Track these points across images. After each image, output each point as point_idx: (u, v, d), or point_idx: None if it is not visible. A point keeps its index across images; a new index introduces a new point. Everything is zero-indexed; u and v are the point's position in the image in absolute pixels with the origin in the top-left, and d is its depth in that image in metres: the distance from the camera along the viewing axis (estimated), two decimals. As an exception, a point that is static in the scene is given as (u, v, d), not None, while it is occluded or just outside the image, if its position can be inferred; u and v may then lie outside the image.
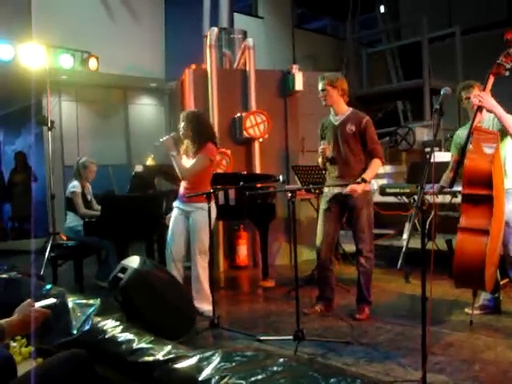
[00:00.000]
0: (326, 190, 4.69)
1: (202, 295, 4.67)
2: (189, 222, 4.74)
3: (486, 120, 4.21)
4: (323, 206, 4.69)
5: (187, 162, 4.72)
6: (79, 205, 5.98)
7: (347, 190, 4.44)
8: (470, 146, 3.74)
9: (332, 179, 4.64)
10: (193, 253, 4.71)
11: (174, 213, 4.82)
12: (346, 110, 4.62)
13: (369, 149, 4.52)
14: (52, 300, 2.44)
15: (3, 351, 2.39)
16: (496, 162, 3.77)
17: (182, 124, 4.73)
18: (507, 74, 3.78)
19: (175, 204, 4.84)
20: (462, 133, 4.26)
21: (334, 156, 4.60)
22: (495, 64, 3.79)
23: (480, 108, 3.86)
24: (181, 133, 4.75)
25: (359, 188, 4.39)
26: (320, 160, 4.72)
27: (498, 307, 4.42)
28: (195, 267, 4.70)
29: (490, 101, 3.83)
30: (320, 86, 4.61)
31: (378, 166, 4.56)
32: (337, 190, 4.56)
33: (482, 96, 3.82)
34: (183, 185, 4.78)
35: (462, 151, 3.71)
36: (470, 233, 3.73)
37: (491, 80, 3.86)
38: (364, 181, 4.25)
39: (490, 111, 3.91)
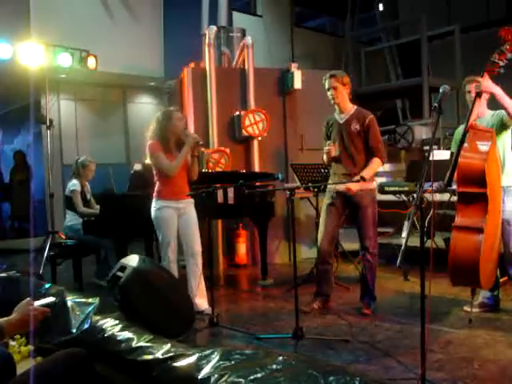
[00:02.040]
0: (330, 186, 4.70)
1: (204, 293, 4.67)
2: (183, 219, 4.72)
3: (483, 118, 4.22)
4: (327, 200, 4.71)
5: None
6: (78, 203, 5.98)
7: (342, 187, 4.46)
8: (465, 144, 3.75)
9: (338, 177, 4.65)
10: (195, 251, 4.68)
11: (168, 212, 4.66)
12: (351, 108, 4.63)
13: (370, 147, 4.53)
14: (51, 299, 2.44)
15: (2, 350, 2.39)
16: (491, 160, 3.78)
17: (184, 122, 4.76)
18: (502, 71, 3.79)
19: (163, 204, 4.66)
20: (461, 129, 4.27)
21: (340, 154, 4.60)
22: (489, 62, 3.80)
23: (479, 94, 3.87)
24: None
25: (355, 187, 4.40)
26: (325, 158, 4.72)
27: (497, 305, 4.42)
28: (199, 264, 4.70)
29: (487, 84, 3.84)
30: (328, 84, 4.59)
31: (377, 165, 4.57)
32: (342, 187, 4.57)
33: (479, 81, 3.84)
34: (171, 182, 4.67)
35: (458, 149, 3.72)
36: (464, 231, 3.75)
37: (487, 78, 3.87)
38: (363, 179, 4.26)
39: (490, 93, 3.95)
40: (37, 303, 2.29)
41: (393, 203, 6.41)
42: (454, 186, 3.98)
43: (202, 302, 4.69)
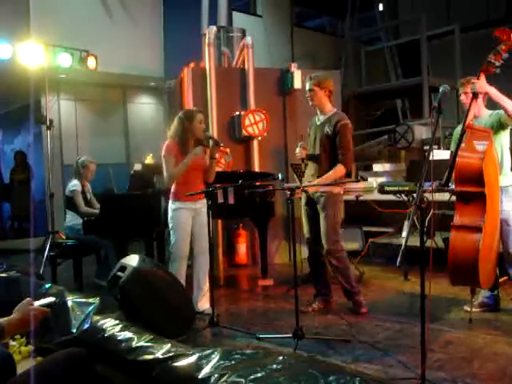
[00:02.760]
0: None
1: (207, 293, 4.68)
2: (198, 220, 4.74)
3: (481, 118, 4.22)
4: (303, 199, 4.80)
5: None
6: (80, 203, 5.98)
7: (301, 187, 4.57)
8: (462, 144, 3.75)
9: (307, 177, 4.72)
10: (206, 248, 4.65)
11: (184, 214, 4.69)
12: (330, 111, 4.64)
13: (337, 152, 4.53)
14: (51, 299, 2.44)
15: (2, 350, 2.39)
16: (488, 159, 3.79)
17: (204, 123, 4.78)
18: (498, 71, 3.79)
19: (180, 205, 4.70)
20: (460, 129, 4.28)
21: (313, 155, 4.65)
22: (485, 62, 3.81)
23: (475, 95, 3.88)
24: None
25: (310, 188, 4.52)
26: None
27: (497, 305, 4.43)
28: (206, 265, 4.72)
29: (481, 84, 3.85)
30: (307, 86, 4.65)
31: (338, 172, 4.53)
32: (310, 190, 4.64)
33: (476, 82, 3.84)
34: (187, 183, 4.69)
35: (456, 149, 3.72)
36: (462, 230, 3.76)
37: (482, 78, 3.87)
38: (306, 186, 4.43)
39: (485, 93, 3.96)
40: (37, 303, 2.30)
41: (393, 203, 6.40)
42: (453, 186, 3.99)
43: (204, 302, 4.70)
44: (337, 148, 4.52)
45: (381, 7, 13.28)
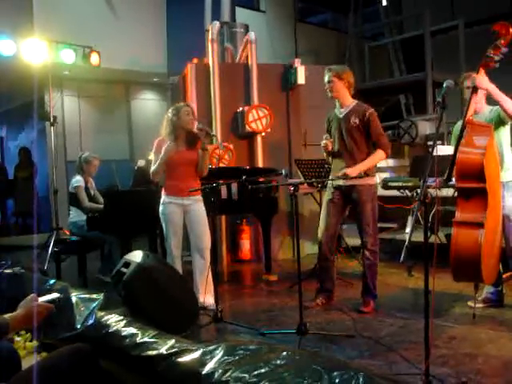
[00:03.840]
0: (329, 182, 4.70)
1: (211, 288, 4.68)
2: (190, 216, 4.73)
3: (481, 113, 4.21)
4: (327, 196, 4.70)
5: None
6: (83, 198, 5.99)
7: (341, 180, 4.45)
8: (463, 139, 3.74)
9: (337, 172, 4.62)
10: (202, 246, 4.70)
11: (172, 208, 4.73)
12: (351, 103, 4.61)
13: (373, 140, 4.51)
14: (55, 295, 2.45)
15: (8, 345, 2.40)
16: (489, 155, 3.78)
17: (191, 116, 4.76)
18: (497, 66, 3.78)
19: (168, 199, 4.74)
20: (460, 125, 4.27)
21: (340, 149, 4.59)
22: (484, 57, 3.80)
23: (475, 89, 3.87)
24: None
25: (353, 172, 4.39)
26: (324, 154, 4.73)
27: (501, 300, 4.42)
28: (205, 261, 4.71)
29: (481, 79, 3.84)
30: (326, 78, 4.59)
31: (379, 157, 4.54)
32: (341, 183, 4.56)
33: (476, 77, 3.83)
34: (177, 178, 4.72)
35: (456, 144, 3.71)
36: (464, 226, 3.75)
37: (481, 73, 3.86)
38: (345, 176, 4.30)
39: (484, 89, 3.96)
40: (41, 299, 2.30)
41: (396, 199, 6.40)
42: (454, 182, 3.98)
43: (208, 297, 4.70)
44: (370, 137, 4.49)
45: (384, 2, 13.21)
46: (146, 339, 2.78)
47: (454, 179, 3.87)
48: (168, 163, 4.68)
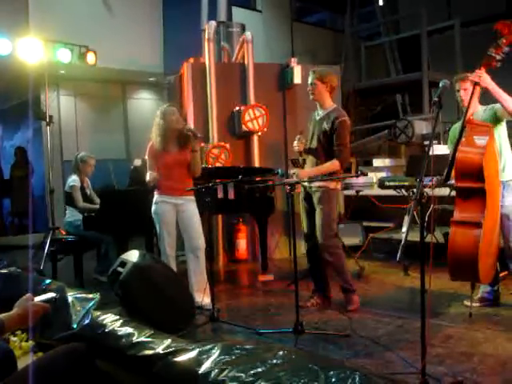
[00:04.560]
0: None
1: (205, 288, 4.68)
2: (182, 216, 4.73)
3: (475, 113, 4.22)
4: (301, 195, 4.77)
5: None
6: (78, 198, 5.98)
7: (294, 175, 4.54)
8: (463, 139, 3.74)
9: None
10: (197, 246, 4.70)
11: (164, 207, 4.73)
12: (330, 107, 4.60)
13: (333, 149, 4.48)
14: (51, 294, 2.44)
15: (3, 345, 2.39)
16: (488, 154, 3.78)
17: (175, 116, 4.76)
18: (498, 65, 3.78)
19: (161, 198, 4.75)
20: (456, 127, 4.28)
21: (311, 150, 4.63)
22: (486, 56, 3.80)
23: (478, 84, 3.87)
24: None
25: (302, 175, 4.49)
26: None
27: (497, 299, 4.42)
28: (200, 260, 4.71)
29: (486, 78, 3.85)
30: (309, 80, 4.61)
31: (331, 167, 4.47)
32: (306, 184, 4.63)
33: (480, 73, 3.83)
34: (169, 178, 4.73)
35: (456, 143, 3.72)
36: (462, 226, 3.75)
37: (483, 72, 3.86)
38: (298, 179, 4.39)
39: (485, 88, 3.95)
40: (37, 299, 2.30)
41: (393, 198, 6.41)
42: (452, 181, 3.98)
43: (204, 297, 4.70)
44: (333, 144, 4.49)
45: (381, 2, 13.22)
46: (142, 339, 2.78)
47: (452, 179, 3.87)
48: (161, 165, 4.71)
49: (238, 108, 7.02)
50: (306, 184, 4.60)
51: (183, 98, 7.08)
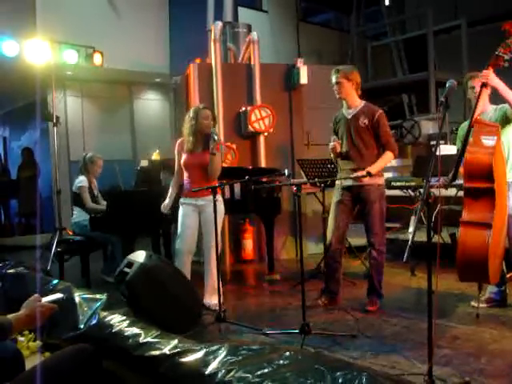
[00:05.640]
0: (338, 182, 4.69)
1: (216, 290, 4.68)
2: (203, 217, 4.75)
3: (485, 113, 4.20)
4: (336, 197, 4.69)
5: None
6: (87, 199, 5.99)
7: (352, 180, 4.45)
8: (471, 139, 3.73)
9: (346, 172, 4.62)
10: (205, 245, 4.71)
11: (185, 209, 4.77)
12: (359, 103, 4.61)
13: (382, 142, 4.52)
14: (59, 295, 2.46)
15: (11, 345, 2.41)
16: (497, 155, 3.76)
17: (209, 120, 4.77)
18: (506, 65, 3.77)
19: (183, 201, 4.80)
20: (466, 125, 4.26)
21: (348, 150, 4.59)
22: (494, 55, 3.79)
23: (485, 85, 3.86)
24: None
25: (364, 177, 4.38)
26: (332, 155, 4.72)
27: (505, 300, 4.41)
28: (208, 259, 4.73)
29: (494, 78, 3.84)
30: (334, 79, 4.58)
31: (388, 159, 4.57)
32: (350, 183, 4.56)
33: (488, 74, 3.82)
34: (190, 180, 4.76)
35: (463, 144, 3.70)
36: (472, 226, 3.72)
37: (490, 71, 3.85)
38: (369, 174, 4.24)
39: (493, 86, 3.94)
40: (44, 299, 2.31)
41: (400, 198, 6.39)
42: (460, 181, 3.97)
43: (211, 297, 4.71)
44: (378, 138, 4.50)
45: (387, 2, 13.21)
46: (148, 339, 2.78)
47: (459, 179, 3.86)
48: (183, 166, 4.77)
49: (244, 108, 7.03)
50: (349, 182, 4.54)
51: (189, 99, 7.09)
